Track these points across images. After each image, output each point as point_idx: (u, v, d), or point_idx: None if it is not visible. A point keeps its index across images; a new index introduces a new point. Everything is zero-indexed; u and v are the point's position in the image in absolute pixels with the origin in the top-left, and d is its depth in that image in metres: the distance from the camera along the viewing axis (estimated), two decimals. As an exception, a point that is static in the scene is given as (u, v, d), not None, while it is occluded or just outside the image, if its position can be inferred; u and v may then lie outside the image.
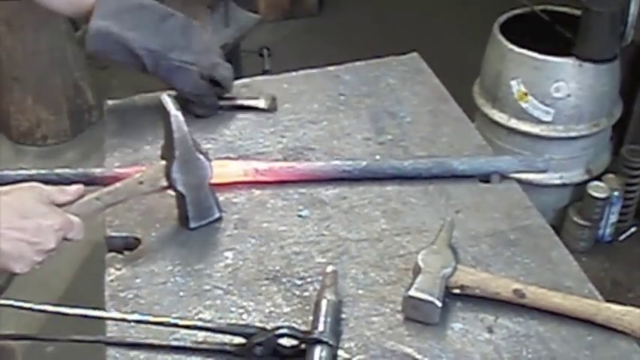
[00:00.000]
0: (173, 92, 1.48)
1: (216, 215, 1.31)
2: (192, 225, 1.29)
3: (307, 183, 1.38)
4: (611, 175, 2.79)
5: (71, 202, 1.19)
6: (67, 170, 1.39)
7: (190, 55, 1.48)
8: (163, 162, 1.26)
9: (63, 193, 1.19)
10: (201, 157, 1.26)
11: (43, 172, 1.38)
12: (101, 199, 1.23)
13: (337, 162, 1.39)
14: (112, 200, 1.24)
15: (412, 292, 1.11)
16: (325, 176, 1.37)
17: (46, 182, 1.30)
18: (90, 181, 1.37)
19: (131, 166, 1.39)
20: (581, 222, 2.76)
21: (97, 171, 1.39)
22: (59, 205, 1.18)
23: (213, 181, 1.31)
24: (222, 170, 1.36)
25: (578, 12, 2.67)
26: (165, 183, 1.26)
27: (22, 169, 1.41)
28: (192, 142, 1.25)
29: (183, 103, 1.40)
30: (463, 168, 1.38)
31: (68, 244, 1.17)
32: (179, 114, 1.23)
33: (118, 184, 1.24)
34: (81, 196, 1.21)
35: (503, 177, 1.39)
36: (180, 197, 1.28)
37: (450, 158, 1.40)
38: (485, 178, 1.39)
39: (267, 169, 1.37)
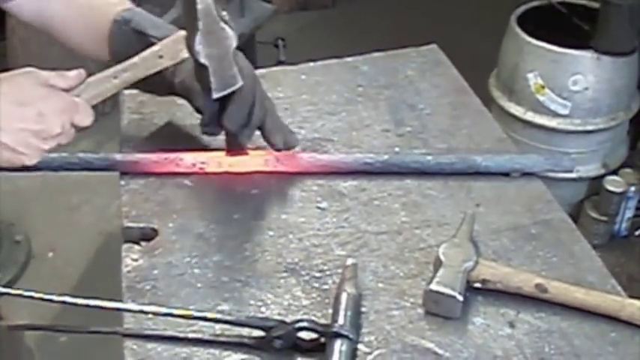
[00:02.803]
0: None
1: (239, 84, 1.23)
2: (215, 95, 1.21)
3: (325, 175, 1.36)
4: (627, 170, 2.77)
5: (73, 88, 1.12)
6: (89, 155, 1.38)
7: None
8: (183, 32, 1.20)
9: (62, 77, 1.12)
10: (225, 26, 1.20)
11: (64, 155, 1.37)
12: (118, 77, 1.15)
13: (359, 155, 1.37)
14: (130, 77, 1.16)
15: (434, 286, 1.10)
16: (347, 168, 1.35)
17: (69, 166, 1.28)
18: (111, 166, 1.36)
19: (151, 153, 1.38)
20: (597, 216, 2.75)
21: (118, 156, 1.38)
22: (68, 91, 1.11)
23: (232, 169, 1.29)
24: (243, 158, 1.35)
25: (596, 4, 2.65)
26: (185, 54, 1.19)
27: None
28: (217, 11, 1.19)
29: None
30: (487, 164, 1.36)
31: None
32: None
33: (134, 59, 1.16)
34: (82, 82, 1.14)
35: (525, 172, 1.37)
36: (203, 69, 1.20)
37: (474, 154, 1.38)
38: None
39: (288, 158, 1.35)
